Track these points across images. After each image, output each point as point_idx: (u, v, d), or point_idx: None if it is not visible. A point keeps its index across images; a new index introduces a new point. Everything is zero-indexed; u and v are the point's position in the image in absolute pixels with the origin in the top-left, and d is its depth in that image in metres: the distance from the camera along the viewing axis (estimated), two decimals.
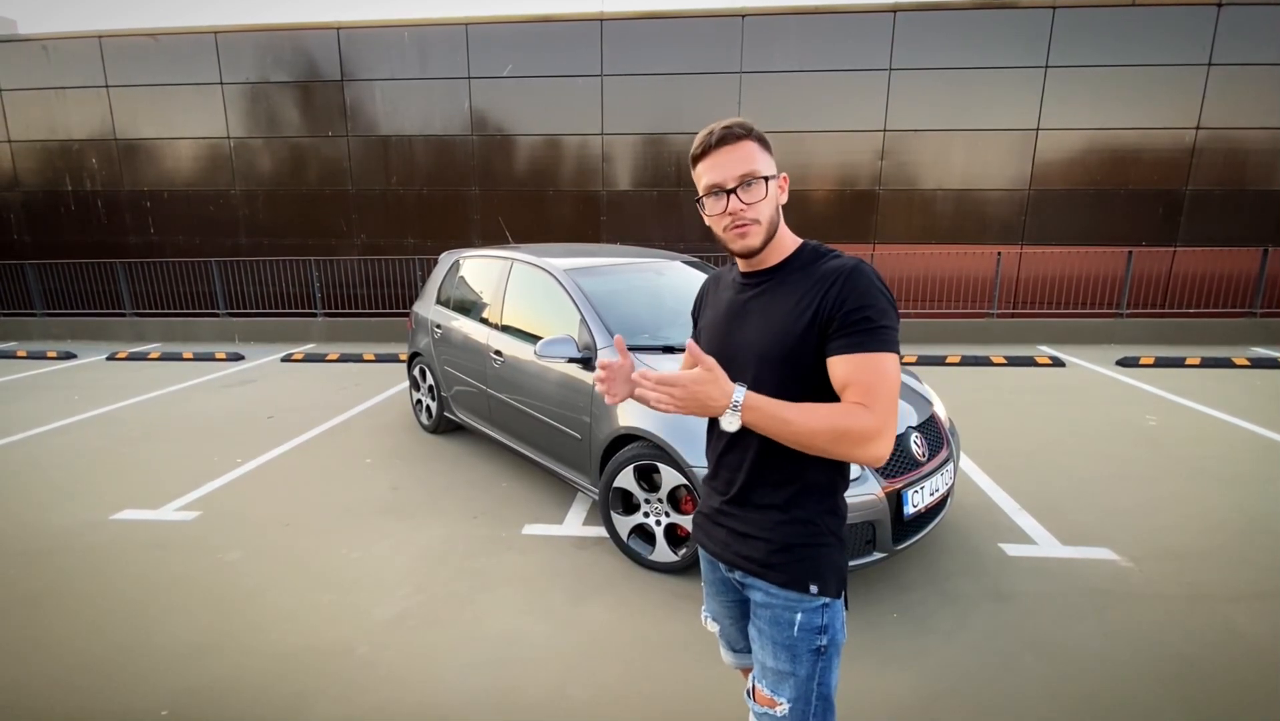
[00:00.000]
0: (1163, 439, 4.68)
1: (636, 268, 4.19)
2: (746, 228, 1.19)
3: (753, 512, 1.28)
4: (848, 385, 1.12)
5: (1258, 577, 2.88)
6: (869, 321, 1.12)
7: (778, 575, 1.24)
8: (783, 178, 1.25)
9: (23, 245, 10.35)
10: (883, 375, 1.10)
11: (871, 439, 1.09)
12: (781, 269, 1.25)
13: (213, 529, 3.51)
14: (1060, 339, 8.29)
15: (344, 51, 9.32)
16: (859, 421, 1.09)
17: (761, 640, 1.28)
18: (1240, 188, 8.70)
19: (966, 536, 3.29)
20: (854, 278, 1.14)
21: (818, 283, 1.17)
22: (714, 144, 1.18)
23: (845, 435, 1.09)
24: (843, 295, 1.13)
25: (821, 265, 1.20)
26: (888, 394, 1.10)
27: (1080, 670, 2.33)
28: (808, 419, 1.10)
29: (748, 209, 1.18)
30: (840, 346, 1.13)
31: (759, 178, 1.18)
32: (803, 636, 1.23)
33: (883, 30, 8.61)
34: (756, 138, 1.20)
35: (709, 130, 1.20)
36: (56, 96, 9.80)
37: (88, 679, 2.36)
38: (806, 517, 1.24)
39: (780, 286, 1.23)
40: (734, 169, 1.17)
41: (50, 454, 4.73)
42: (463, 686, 2.30)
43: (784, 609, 1.24)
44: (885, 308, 1.13)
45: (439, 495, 3.90)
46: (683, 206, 9.35)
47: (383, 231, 9.84)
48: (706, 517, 1.39)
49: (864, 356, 1.11)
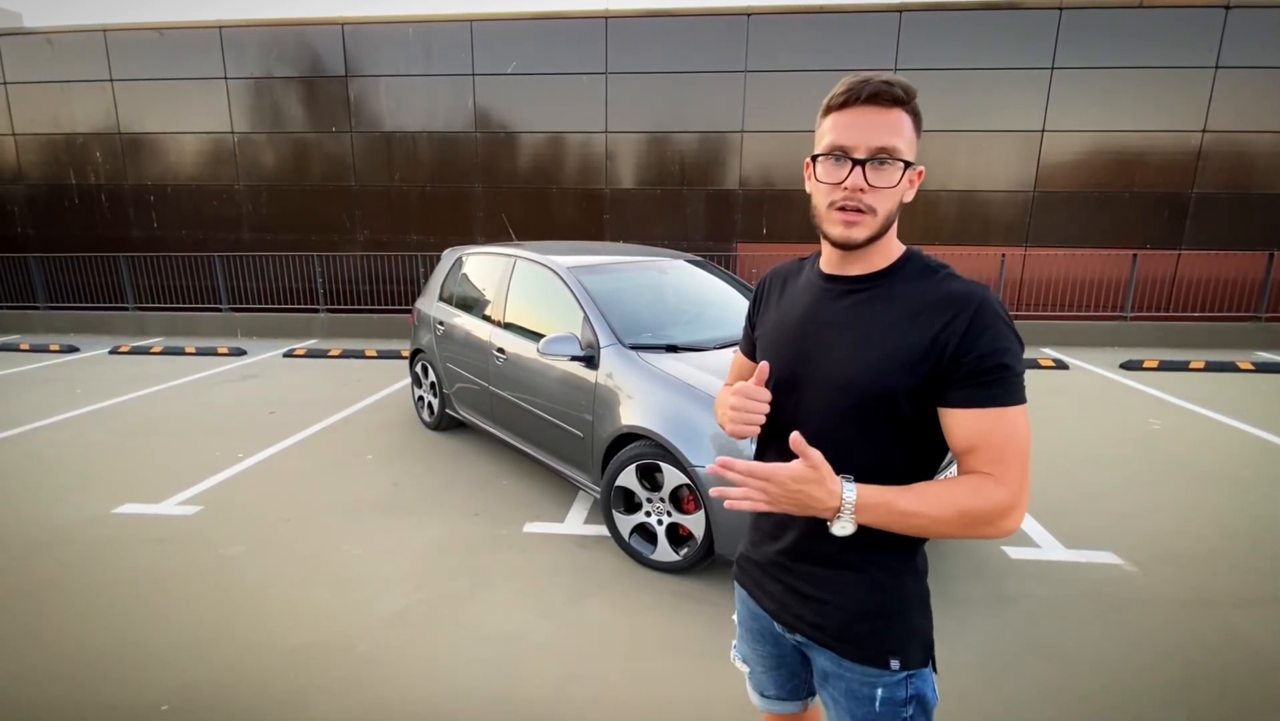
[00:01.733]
0: (1167, 442, 4.66)
1: (640, 266, 4.18)
2: (859, 215, 0.97)
3: (815, 569, 1.08)
4: (975, 449, 0.94)
5: (1261, 582, 2.87)
6: (1004, 370, 0.92)
7: (853, 650, 1.06)
8: (919, 171, 1.00)
9: (26, 238, 10.36)
10: (1017, 437, 0.93)
11: (1005, 514, 0.92)
12: (884, 278, 1.02)
13: (214, 524, 3.50)
14: (1064, 341, 8.26)
15: (348, 47, 9.31)
16: (992, 500, 0.91)
17: (838, 711, 1.11)
18: (1246, 191, 8.66)
19: (969, 540, 3.27)
20: (988, 310, 0.93)
21: (934, 307, 0.96)
22: (862, 98, 0.94)
23: (978, 520, 0.92)
24: (973, 333, 0.92)
25: (939, 285, 0.98)
26: (1022, 458, 0.93)
27: (1083, 674, 2.32)
28: (932, 508, 0.92)
29: (869, 192, 0.95)
30: (970, 397, 0.93)
31: (898, 160, 0.95)
32: (885, 711, 1.06)
33: (888, 30, 8.58)
34: (913, 111, 0.97)
35: (863, 79, 0.95)
36: (61, 90, 9.81)
37: (88, 673, 2.36)
38: (884, 580, 1.05)
39: (883, 301, 1.01)
40: (873, 136, 0.94)
41: (52, 447, 4.73)
42: (463, 684, 2.29)
43: (861, 684, 1.06)
44: (1019, 352, 0.94)
45: (440, 492, 3.90)
46: (686, 205, 9.34)
47: (386, 228, 9.84)
48: (756, 566, 1.19)
49: (997, 413, 0.92)
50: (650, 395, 2.98)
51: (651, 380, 3.02)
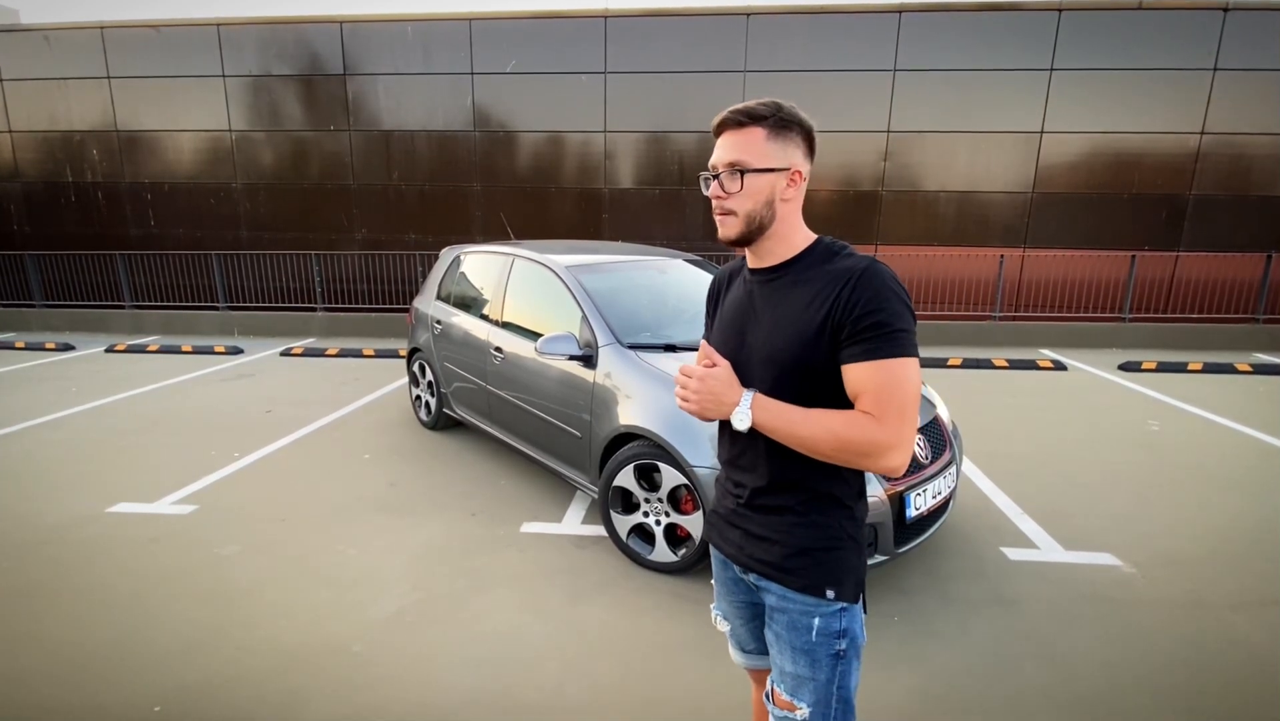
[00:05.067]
0: (1165, 444, 4.66)
1: (639, 265, 4.17)
2: (723, 217, 1.19)
3: (767, 516, 1.24)
4: (859, 394, 1.08)
5: (1259, 584, 2.87)
6: (882, 326, 1.06)
7: (794, 580, 1.21)
8: (793, 173, 1.16)
9: (23, 236, 10.32)
10: (896, 383, 1.06)
11: (882, 451, 1.06)
12: (790, 266, 1.20)
13: (209, 523, 3.48)
14: (1062, 342, 8.27)
15: (347, 45, 9.29)
16: (864, 433, 1.06)
17: (779, 644, 1.25)
18: (1245, 193, 8.67)
19: (968, 540, 3.27)
20: (867, 278, 1.09)
21: (829, 283, 1.12)
22: (720, 126, 1.18)
23: (848, 446, 1.07)
24: (854, 298, 1.08)
25: (834, 264, 1.15)
26: (901, 403, 1.05)
27: (1081, 675, 2.31)
28: (811, 426, 1.09)
29: (726, 198, 1.16)
30: (853, 354, 1.08)
31: (743, 169, 1.14)
32: (821, 641, 1.20)
33: (888, 31, 8.58)
34: (772, 124, 1.15)
35: (729, 108, 1.17)
36: (58, 87, 9.77)
37: (80, 673, 2.34)
38: (823, 521, 1.20)
39: (790, 286, 1.18)
40: (725, 154, 1.16)
41: (46, 446, 4.71)
42: (459, 685, 2.28)
43: (801, 613, 1.21)
44: (900, 310, 1.08)
45: (437, 492, 3.88)
46: (685, 205, 9.33)
47: (384, 226, 9.81)
48: (721, 518, 1.36)
49: (877, 364, 1.06)
50: (649, 395, 2.97)
51: (650, 379, 3.01)
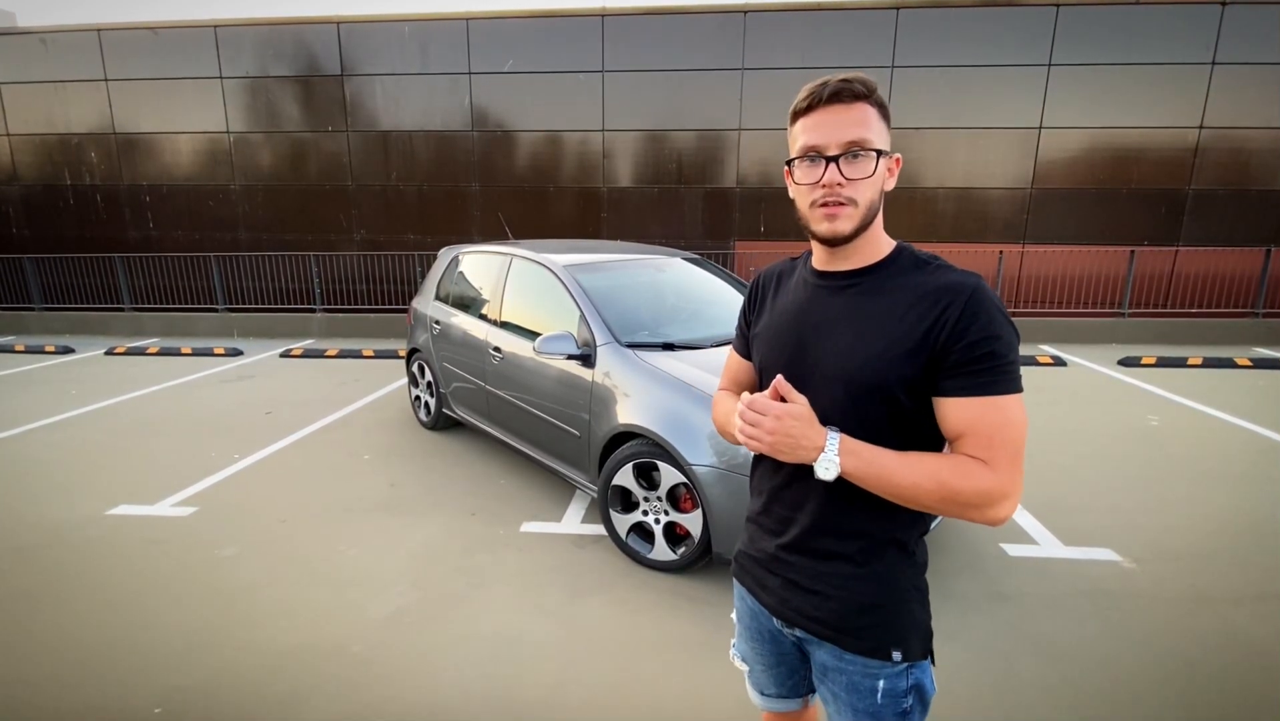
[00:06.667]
0: (1165, 439, 4.66)
1: (637, 264, 4.16)
2: (840, 208, 0.98)
3: (817, 563, 1.08)
4: (964, 435, 0.94)
5: (1260, 579, 2.87)
6: (997, 357, 0.92)
7: (854, 642, 1.06)
8: (895, 159, 1.02)
9: (21, 239, 10.32)
10: (1010, 423, 0.92)
11: (994, 502, 0.92)
12: (876, 271, 1.03)
13: (209, 524, 3.49)
14: (1062, 338, 8.26)
15: (344, 46, 9.28)
16: (976, 481, 0.92)
17: (837, 704, 1.11)
18: (1243, 188, 8.66)
19: (967, 536, 3.27)
20: (978, 299, 0.94)
21: (927, 298, 0.97)
22: (825, 99, 0.98)
23: (956, 497, 0.92)
24: (964, 321, 0.93)
25: (931, 277, 0.99)
26: (1016, 446, 0.93)
27: (1081, 671, 2.31)
28: (912, 474, 0.93)
29: (846, 185, 0.97)
30: (959, 386, 0.94)
31: (870, 150, 0.97)
32: (887, 703, 1.07)
33: (885, 27, 8.57)
34: (876, 102, 0.99)
35: (822, 82, 0.98)
36: (55, 90, 9.76)
37: (81, 674, 2.34)
38: (884, 572, 1.05)
39: (871, 294, 1.02)
40: (842, 133, 0.96)
41: (47, 448, 4.71)
42: (459, 685, 2.28)
43: (863, 676, 1.07)
44: (1013, 340, 0.95)
45: (437, 492, 3.88)
46: (684, 203, 9.32)
47: (382, 227, 9.81)
48: (755, 561, 1.19)
49: (990, 400, 0.92)
50: (647, 394, 2.97)
51: (649, 378, 3.01)
